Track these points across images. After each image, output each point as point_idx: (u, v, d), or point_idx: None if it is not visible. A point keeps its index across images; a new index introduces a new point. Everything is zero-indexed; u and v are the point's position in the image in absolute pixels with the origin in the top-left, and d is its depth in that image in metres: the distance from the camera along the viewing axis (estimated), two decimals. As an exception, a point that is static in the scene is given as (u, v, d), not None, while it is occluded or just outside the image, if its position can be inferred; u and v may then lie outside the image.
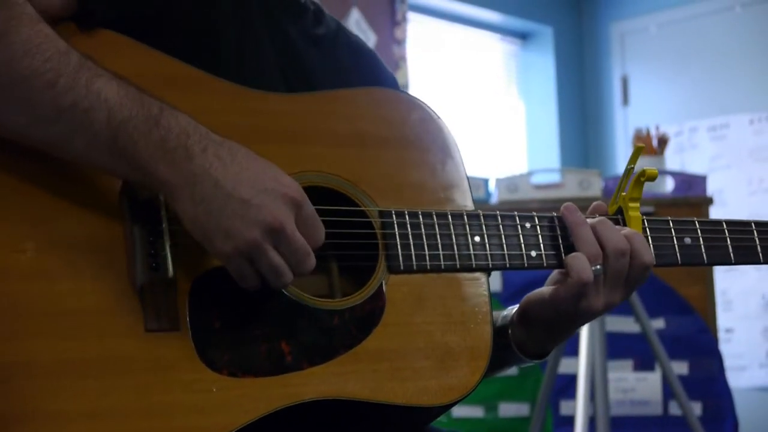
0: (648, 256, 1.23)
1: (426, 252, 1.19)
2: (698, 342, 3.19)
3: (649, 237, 1.28)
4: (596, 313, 1.23)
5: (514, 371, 3.13)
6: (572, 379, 2.89)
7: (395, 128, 1.25)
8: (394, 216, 1.18)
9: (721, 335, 4.77)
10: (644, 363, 3.17)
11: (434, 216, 1.20)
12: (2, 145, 1.05)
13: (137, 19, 1.15)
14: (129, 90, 1.05)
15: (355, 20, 4.54)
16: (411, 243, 1.18)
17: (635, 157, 1.27)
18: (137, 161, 1.04)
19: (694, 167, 5.12)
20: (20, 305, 1.01)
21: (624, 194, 1.29)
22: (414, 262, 1.18)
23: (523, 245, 1.24)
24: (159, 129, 1.04)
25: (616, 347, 3.11)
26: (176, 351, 1.06)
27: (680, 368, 3.12)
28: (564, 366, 2.95)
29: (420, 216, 1.19)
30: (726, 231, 1.33)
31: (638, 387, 3.16)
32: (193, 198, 1.04)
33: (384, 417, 1.15)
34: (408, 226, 1.19)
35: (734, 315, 5.07)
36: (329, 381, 1.10)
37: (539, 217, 1.25)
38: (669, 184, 3.59)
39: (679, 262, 1.30)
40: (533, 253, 1.24)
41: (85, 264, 1.05)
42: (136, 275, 1.05)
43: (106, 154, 1.04)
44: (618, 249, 1.21)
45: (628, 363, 3.19)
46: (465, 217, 1.22)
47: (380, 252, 1.17)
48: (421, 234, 1.19)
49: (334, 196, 1.17)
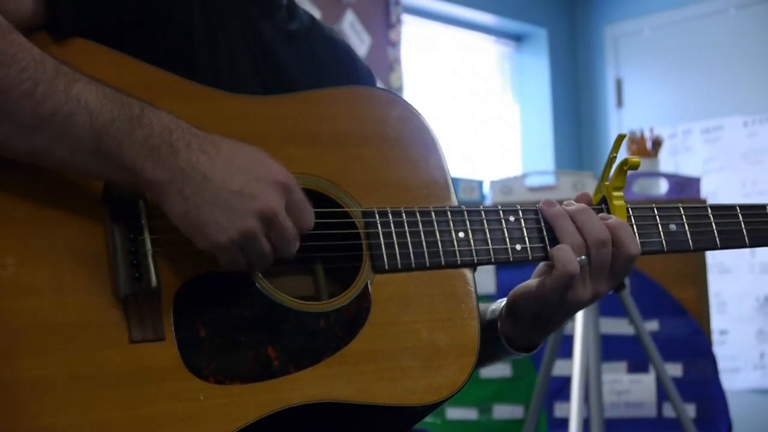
0: (633, 247, 1.23)
1: (410, 250, 1.18)
2: (692, 344, 3.19)
3: (634, 225, 1.28)
4: (583, 304, 1.23)
5: (509, 373, 3.13)
6: (566, 381, 2.89)
7: (375, 126, 1.24)
8: (377, 215, 1.18)
9: (715, 337, 4.78)
10: (638, 365, 3.17)
11: (417, 213, 1.20)
12: None
13: (109, 26, 1.14)
14: (108, 92, 1.04)
15: (350, 22, 4.53)
16: (395, 242, 1.18)
17: (617, 146, 1.27)
18: (122, 162, 1.03)
19: (688, 169, 5.12)
20: (3, 322, 1.00)
21: (607, 183, 1.28)
22: (399, 261, 1.17)
23: (508, 239, 1.23)
24: (142, 128, 1.03)
25: (610, 349, 3.10)
26: (162, 361, 1.05)
27: (674, 370, 3.12)
28: (558, 368, 2.94)
29: (403, 214, 1.19)
30: (711, 216, 1.32)
31: (632, 389, 3.16)
32: (183, 193, 1.03)
33: (373, 418, 1.15)
34: (391, 225, 1.18)
35: (728, 317, 5.08)
36: (317, 384, 1.10)
37: (523, 211, 1.25)
38: (663, 186, 3.59)
39: (665, 249, 1.30)
40: (518, 247, 1.23)
41: (68, 276, 1.04)
42: (119, 286, 1.05)
43: (91, 159, 1.03)
44: (598, 239, 1.21)
45: (622, 365, 3.19)
46: (449, 214, 1.21)
47: (365, 252, 1.17)
48: (405, 232, 1.18)
49: (317, 198, 1.17)
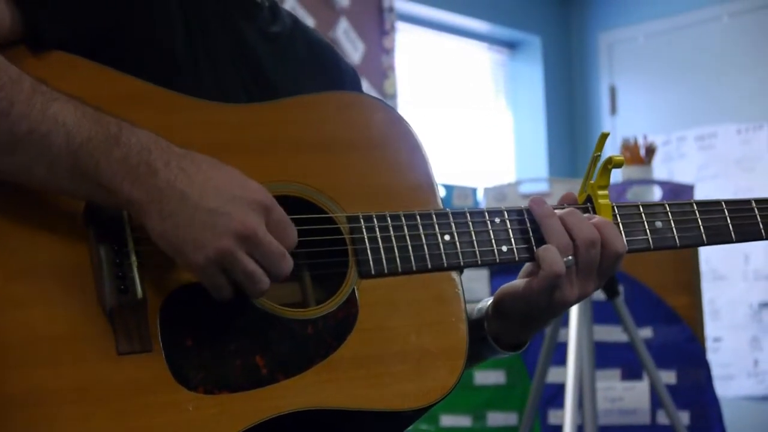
0: (620, 245, 1.23)
1: (396, 254, 1.18)
2: (686, 351, 3.19)
3: (620, 224, 1.27)
4: (570, 304, 1.23)
5: (503, 380, 3.13)
6: (560, 389, 2.88)
7: (359, 132, 1.24)
8: (362, 221, 1.18)
9: (709, 344, 4.78)
10: (632, 372, 3.17)
11: (403, 218, 1.19)
12: None
13: (89, 36, 1.13)
14: (86, 111, 1.03)
15: (344, 30, 4.54)
16: (381, 246, 1.17)
17: (601, 145, 1.26)
18: (100, 181, 1.02)
19: (682, 177, 5.13)
20: None
21: (592, 182, 1.28)
22: (385, 266, 1.17)
23: (494, 241, 1.23)
24: (120, 147, 1.02)
25: (604, 356, 3.10)
26: (150, 372, 1.04)
27: (668, 377, 3.12)
28: (552, 375, 2.94)
29: (388, 218, 1.19)
30: (697, 212, 1.32)
31: (626, 396, 3.16)
32: (161, 213, 1.02)
33: (364, 423, 1.15)
34: (377, 230, 1.18)
35: (722, 324, 5.08)
36: (307, 391, 1.10)
37: (508, 212, 1.24)
38: (657, 194, 3.59)
39: (652, 247, 1.29)
40: (504, 248, 1.23)
41: (54, 290, 1.03)
42: (105, 298, 1.04)
43: (68, 178, 1.02)
44: (588, 240, 1.21)
45: (616, 372, 3.19)
46: (434, 217, 1.21)
47: (351, 258, 1.16)
48: (390, 236, 1.18)
49: (302, 205, 1.16)
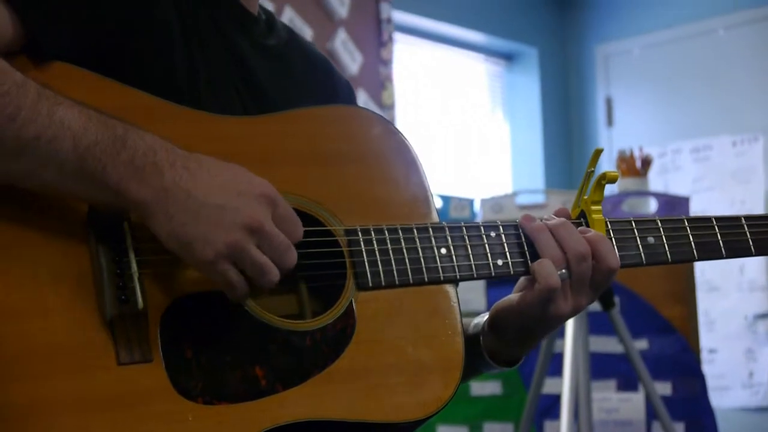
0: (613, 260, 1.24)
1: (393, 267, 1.19)
2: (681, 362, 3.20)
3: (613, 239, 1.29)
4: (564, 318, 1.24)
5: (499, 391, 3.14)
6: (556, 400, 2.89)
7: (356, 145, 1.25)
8: (360, 233, 1.19)
9: (704, 356, 4.78)
10: (627, 383, 3.17)
11: (400, 230, 1.20)
12: None
13: (89, 48, 1.14)
14: (91, 114, 1.04)
15: (342, 41, 4.55)
16: (378, 259, 1.18)
17: (594, 161, 1.28)
18: (107, 184, 1.03)
19: (678, 188, 5.14)
20: None
21: (586, 198, 1.29)
22: (382, 278, 1.18)
23: (490, 254, 1.24)
24: (126, 150, 1.03)
25: (600, 367, 3.11)
26: (150, 382, 1.05)
27: (663, 389, 3.13)
28: (548, 386, 2.95)
29: (385, 231, 1.20)
30: (688, 228, 1.33)
31: (621, 407, 3.16)
32: (168, 212, 1.03)
33: None
34: (374, 243, 1.19)
35: (717, 335, 5.09)
36: (305, 403, 1.10)
37: (504, 226, 1.26)
38: (652, 206, 3.60)
39: (644, 262, 1.30)
40: (500, 262, 1.24)
41: (54, 299, 1.03)
42: (106, 308, 1.04)
43: (76, 182, 1.03)
44: (578, 253, 1.22)
45: (612, 383, 3.19)
46: (430, 230, 1.22)
47: (348, 270, 1.17)
48: (388, 249, 1.19)
49: (300, 217, 1.16)
